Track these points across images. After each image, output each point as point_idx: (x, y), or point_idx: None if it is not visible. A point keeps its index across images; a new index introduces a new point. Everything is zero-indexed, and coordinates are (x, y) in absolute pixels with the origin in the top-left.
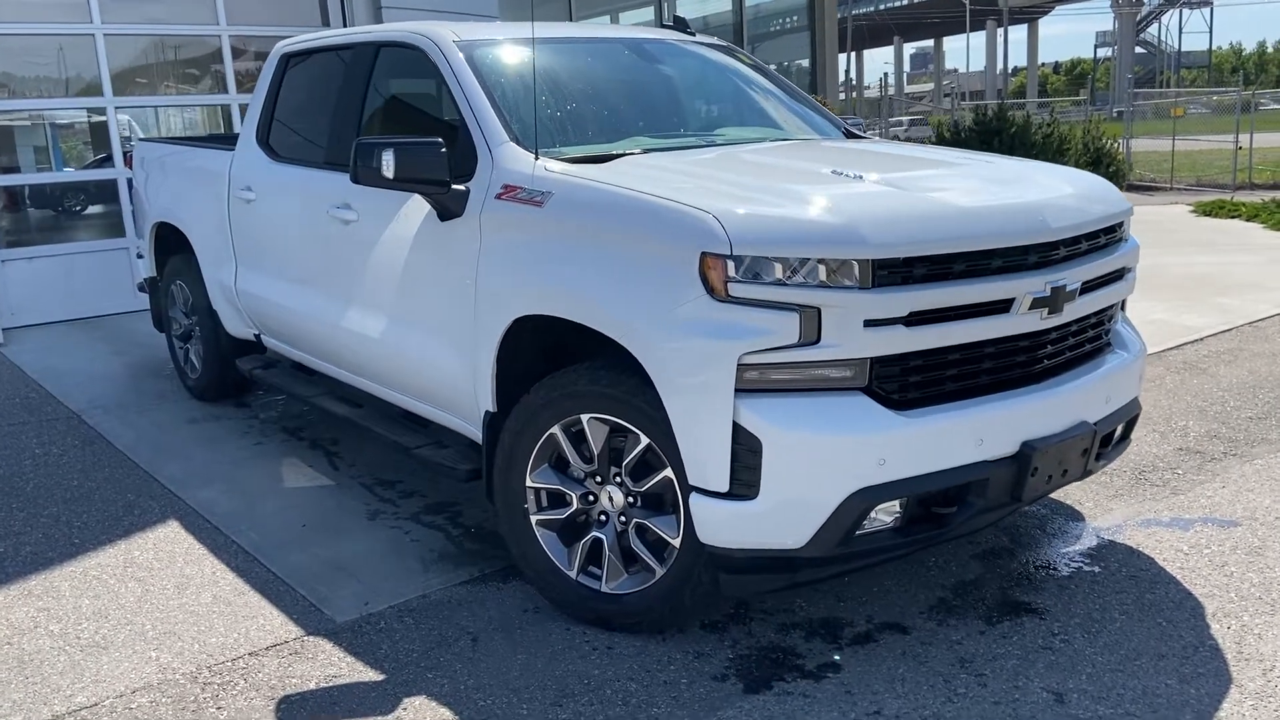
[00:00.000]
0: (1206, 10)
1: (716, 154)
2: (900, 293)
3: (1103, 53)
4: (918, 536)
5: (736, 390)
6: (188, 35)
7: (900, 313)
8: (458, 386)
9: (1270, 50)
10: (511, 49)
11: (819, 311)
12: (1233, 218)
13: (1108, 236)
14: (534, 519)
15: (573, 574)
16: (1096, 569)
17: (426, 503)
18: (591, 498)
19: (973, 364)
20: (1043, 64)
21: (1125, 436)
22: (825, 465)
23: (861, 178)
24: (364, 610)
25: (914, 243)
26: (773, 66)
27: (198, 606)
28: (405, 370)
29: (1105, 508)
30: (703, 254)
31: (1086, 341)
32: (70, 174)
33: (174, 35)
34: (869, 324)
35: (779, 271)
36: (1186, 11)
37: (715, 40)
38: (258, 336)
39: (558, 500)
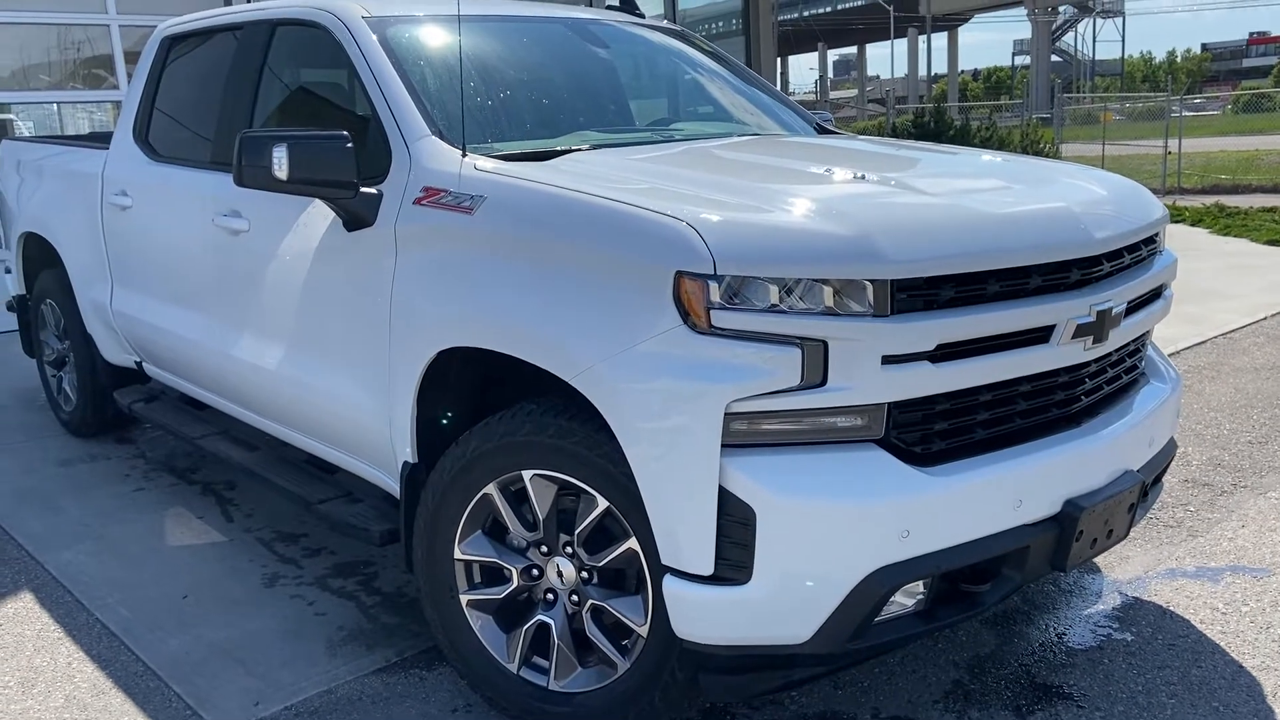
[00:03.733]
0: (1119, 20)
1: (680, 150)
2: (925, 321)
3: (1020, 60)
4: (945, 621)
5: (723, 446)
6: (73, 25)
7: (926, 346)
8: (370, 431)
9: (1179, 60)
10: (433, 27)
11: (825, 345)
12: (1177, 223)
13: (1148, 248)
14: (464, 599)
15: (513, 668)
16: (1128, 637)
17: (336, 562)
18: (536, 572)
19: (1005, 407)
20: (962, 71)
21: (1157, 480)
22: (837, 540)
23: (864, 178)
24: (253, 714)
25: (941, 257)
26: None
27: (44, 712)
28: (307, 409)
29: (1121, 555)
30: (678, 274)
31: (1123, 374)
32: None
33: (57, 24)
34: (888, 360)
35: (775, 295)
36: (1100, 21)
37: (666, 24)
38: (139, 364)
39: (494, 576)
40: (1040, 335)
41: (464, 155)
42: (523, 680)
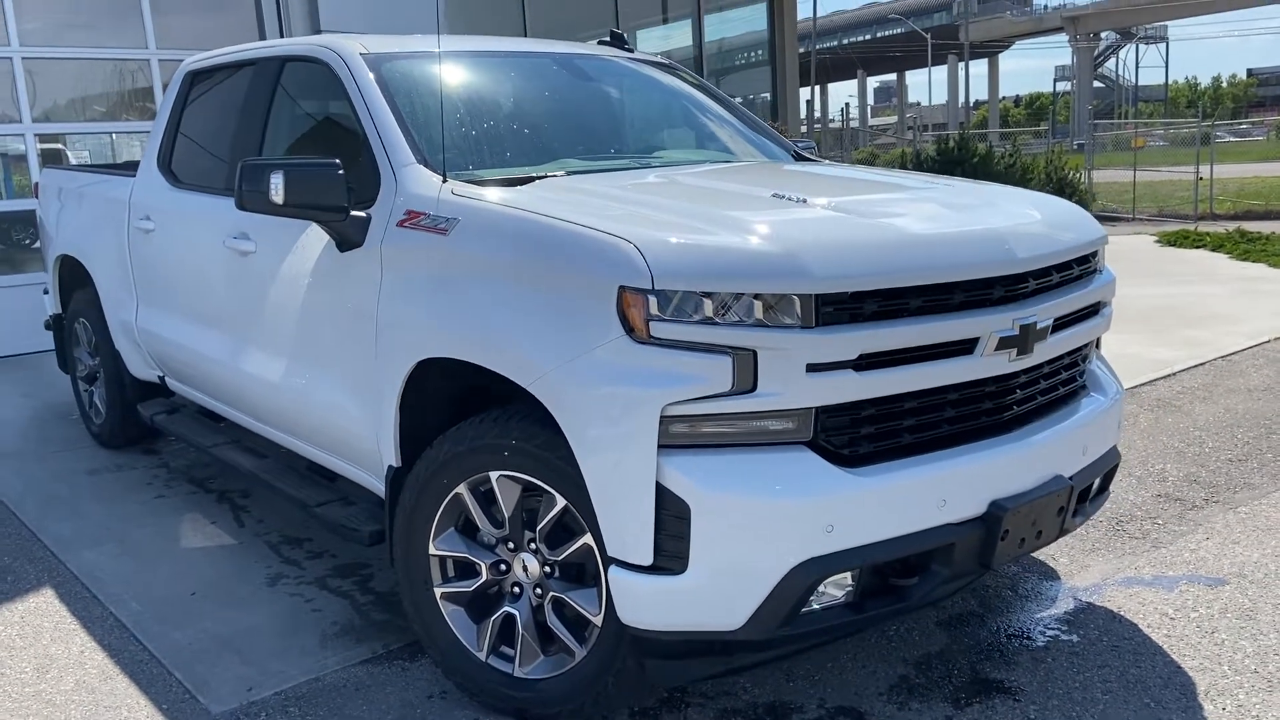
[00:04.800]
0: (1162, 45)
1: (649, 177)
2: (848, 332)
3: (1062, 86)
4: (874, 612)
5: (660, 446)
6: (116, 60)
7: (849, 355)
8: (361, 438)
9: (1225, 85)
10: (426, 64)
11: (755, 354)
12: (1198, 248)
13: (1081, 267)
14: (438, 591)
15: (482, 655)
16: (1075, 638)
17: (335, 564)
18: (504, 567)
19: (933, 413)
20: (1003, 97)
21: (1104, 489)
22: (765, 533)
23: (805, 202)
24: (245, 698)
25: (864, 275)
26: (736, 100)
27: (56, 695)
28: (307, 418)
29: (1081, 564)
30: (621, 288)
31: (1059, 385)
32: None
33: (101, 60)
34: (813, 369)
35: (709, 309)
36: (1143, 46)
37: (655, 57)
38: (162, 379)
39: (465, 570)
40: (964, 347)
41: (444, 181)
42: (491, 668)
